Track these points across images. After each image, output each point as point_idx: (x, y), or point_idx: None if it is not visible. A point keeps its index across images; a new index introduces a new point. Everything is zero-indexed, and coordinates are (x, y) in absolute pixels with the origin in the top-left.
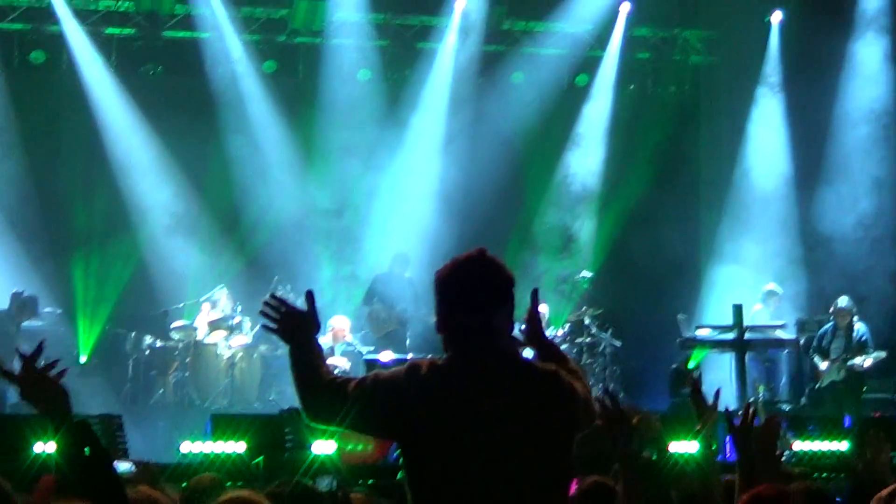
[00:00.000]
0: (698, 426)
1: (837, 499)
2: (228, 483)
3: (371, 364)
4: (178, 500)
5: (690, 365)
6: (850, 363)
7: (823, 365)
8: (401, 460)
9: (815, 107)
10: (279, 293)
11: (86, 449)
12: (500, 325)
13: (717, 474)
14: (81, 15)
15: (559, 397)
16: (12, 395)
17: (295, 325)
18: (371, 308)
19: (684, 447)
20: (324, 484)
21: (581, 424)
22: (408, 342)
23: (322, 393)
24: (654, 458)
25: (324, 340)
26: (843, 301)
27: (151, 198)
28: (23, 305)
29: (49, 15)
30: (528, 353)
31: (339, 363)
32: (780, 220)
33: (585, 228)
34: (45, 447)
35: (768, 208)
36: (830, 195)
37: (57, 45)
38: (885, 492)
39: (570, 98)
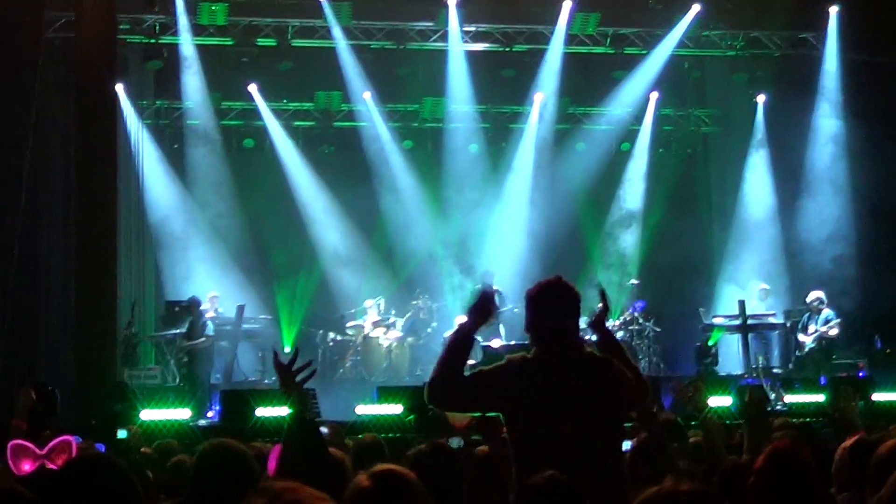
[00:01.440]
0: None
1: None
2: (391, 435)
3: (486, 349)
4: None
5: (710, 343)
6: (819, 333)
7: (803, 338)
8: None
9: (789, 157)
10: (419, 302)
11: (309, 442)
12: (571, 328)
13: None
14: (277, 112)
15: (613, 379)
16: (238, 373)
17: (480, 308)
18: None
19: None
20: (454, 443)
21: (633, 398)
22: (502, 331)
23: (449, 388)
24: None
25: (450, 332)
26: (815, 294)
27: (328, 238)
28: (241, 314)
29: (256, 113)
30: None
31: (469, 362)
32: (770, 238)
33: (632, 249)
34: (265, 411)
35: (760, 229)
36: (805, 219)
37: (261, 134)
38: (848, 442)
39: (617, 160)
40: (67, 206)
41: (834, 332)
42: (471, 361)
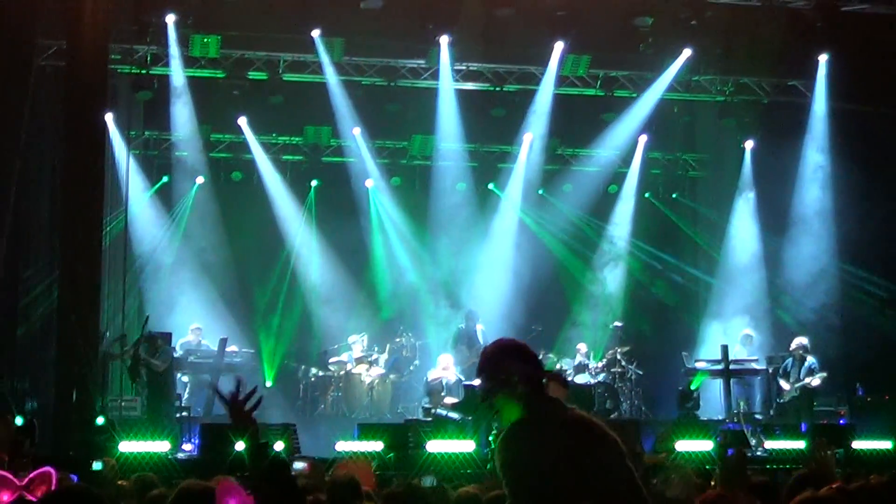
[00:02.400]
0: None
1: None
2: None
3: (468, 388)
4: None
5: (692, 387)
6: (802, 384)
7: (785, 385)
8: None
9: (776, 203)
10: (402, 339)
11: (267, 463)
12: None
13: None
14: (266, 146)
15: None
16: (218, 406)
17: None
18: (457, 349)
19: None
20: (427, 482)
21: None
22: None
23: None
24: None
25: (436, 373)
26: (798, 341)
27: (313, 273)
28: (223, 347)
29: (245, 146)
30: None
31: (449, 400)
32: (754, 282)
33: (616, 291)
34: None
35: (745, 274)
36: (790, 264)
37: (250, 168)
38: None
39: (605, 202)
40: (53, 235)
41: (816, 383)
42: (453, 400)
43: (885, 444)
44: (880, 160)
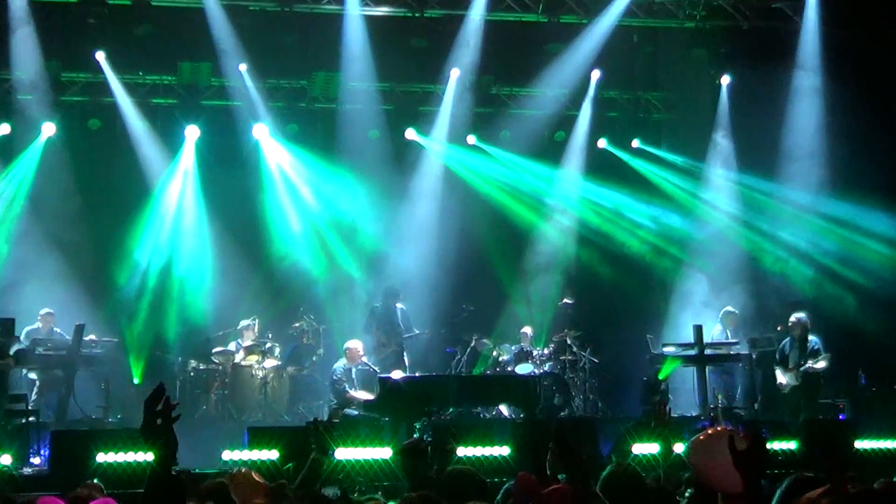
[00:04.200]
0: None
1: None
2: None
3: (384, 381)
4: None
5: (660, 377)
6: (805, 368)
7: (782, 375)
8: None
9: (757, 149)
10: (302, 323)
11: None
12: None
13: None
14: (131, 88)
15: None
16: (74, 411)
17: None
18: (373, 335)
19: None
20: (330, 492)
21: None
22: (407, 360)
23: None
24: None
25: (341, 362)
26: (797, 316)
27: (190, 242)
28: (80, 335)
29: (105, 87)
30: None
31: (362, 396)
32: (735, 247)
33: (565, 261)
34: (108, 458)
35: (723, 237)
36: (777, 224)
37: (111, 113)
38: (815, 493)
39: (550, 151)
40: None
41: (821, 365)
42: (368, 396)
43: (893, 444)
44: (879, 89)
